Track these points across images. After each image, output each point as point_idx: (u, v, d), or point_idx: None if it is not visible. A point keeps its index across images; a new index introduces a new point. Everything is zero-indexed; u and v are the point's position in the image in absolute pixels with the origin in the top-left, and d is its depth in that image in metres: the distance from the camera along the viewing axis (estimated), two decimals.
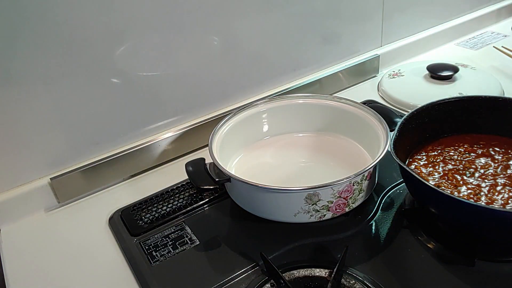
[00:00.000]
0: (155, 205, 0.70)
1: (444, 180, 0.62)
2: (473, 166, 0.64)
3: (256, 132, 0.77)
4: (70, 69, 0.66)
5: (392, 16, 1.02)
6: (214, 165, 0.63)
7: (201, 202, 0.69)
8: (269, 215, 0.62)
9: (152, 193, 0.72)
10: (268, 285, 0.54)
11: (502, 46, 1.06)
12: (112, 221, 0.68)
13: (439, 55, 1.12)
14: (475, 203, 0.54)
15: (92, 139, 0.73)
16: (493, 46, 1.09)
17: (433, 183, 0.61)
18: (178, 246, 0.62)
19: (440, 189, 0.58)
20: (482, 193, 0.59)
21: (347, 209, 0.61)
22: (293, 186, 0.58)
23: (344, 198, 0.59)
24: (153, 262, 0.59)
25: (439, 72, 0.92)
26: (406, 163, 0.66)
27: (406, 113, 0.66)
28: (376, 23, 1.00)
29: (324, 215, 0.60)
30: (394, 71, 1.00)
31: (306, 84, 0.91)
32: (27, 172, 0.70)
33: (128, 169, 0.77)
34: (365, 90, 0.98)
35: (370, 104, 0.74)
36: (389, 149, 0.60)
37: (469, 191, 0.59)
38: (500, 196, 0.58)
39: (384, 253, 0.58)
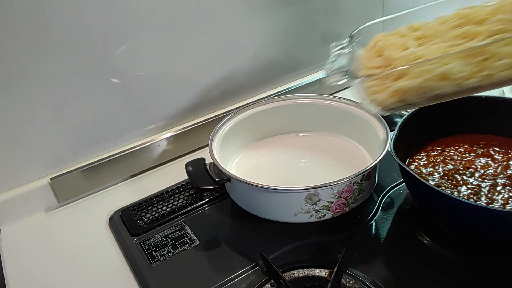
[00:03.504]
0: (155, 205, 0.70)
1: (444, 180, 0.62)
2: (473, 166, 0.64)
3: (256, 132, 0.77)
4: (70, 69, 0.66)
5: None
6: (214, 165, 0.63)
7: (201, 202, 0.69)
8: (269, 215, 0.62)
9: (152, 193, 0.72)
10: (268, 285, 0.54)
11: None
12: (112, 221, 0.68)
13: None
14: (475, 203, 0.54)
15: (92, 139, 0.73)
16: None
17: (433, 183, 0.61)
18: (178, 246, 0.62)
19: (440, 189, 0.58)
20: (482, 193, 0.59)
21: (347, 209, 0.61)
22: (293, 186, 0.58)
23: (344, 198, 0.59)
24: (153, 262, 0.59)
25: None
26: (406, 163, 0.66)
27: (406, 113, 0.66)
28: (376, 23, 1.00)
29: (324, 215, 0.60)
30: None
31: (306, 84, 0.91)
32: (27, 172, 0.70)
33: (128, 169, 0.77)
34: None
35: None
36: (389, 149, 0.60)
37: (469, 191, 0.59)
38: (500, 196, 0.58)
39: (384, 253, 0.58)
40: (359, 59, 0.55)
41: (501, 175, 0.61)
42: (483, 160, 0.65)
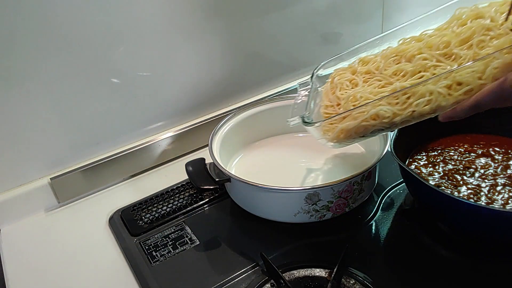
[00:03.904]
0: (155, 205, 0.70)
1: (444, 180, 0.62)
2: (473, 166, 0.64)
3: (256, 132, 0.77)
4: (70, 69, 0.66)
5: (392, 16, 1.01)
6: (214, 165, 0.63)
7: (201, 202, 0.69)
8: (269, 215, 0.62)
9: (152, 193, 0.72)
10: (268, 285, 0.54)
11: None
12: (112, 221, 0.68)
13: None
14: (475, 203, 0.54)
15: (92, 139, 0.73)
16: None
17: (433, 183, 0.61)
18: (178, 246, 0.62)
19: (440, 189, 0.58)
20: (482, 193, 0.59)
21: (347, 209, 0.61)
22: (293, 186, 0.58)
23: (344, 198, 0.59)
24: (153, 262, 0.59)
25: None
26: (406, 163, 0.66)
27: None
28: (376, 23, 1.00)
29: (324, 215, 0.60)
30: None
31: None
32: (27, 172, 0.70)
33: (128, 169, 0.77)
34: None
35: None
36: (389, 149, 0.60)
37: (469, 191, 0.59)
38: (500, 196, 0.58)
39: (384, 253, 0.58)
40: (321, 94, 0.61)
41: (501, 175, 0.61)
42: (483, 160, 0.65)
